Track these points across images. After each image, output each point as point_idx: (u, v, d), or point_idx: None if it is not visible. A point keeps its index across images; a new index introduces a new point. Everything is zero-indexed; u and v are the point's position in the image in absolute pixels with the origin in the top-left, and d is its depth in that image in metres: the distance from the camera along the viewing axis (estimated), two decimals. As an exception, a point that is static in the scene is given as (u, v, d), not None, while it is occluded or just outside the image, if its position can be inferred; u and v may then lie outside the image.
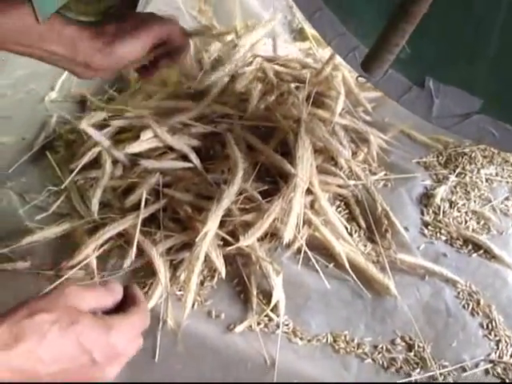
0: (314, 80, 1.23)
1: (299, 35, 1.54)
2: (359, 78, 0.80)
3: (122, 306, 0.72)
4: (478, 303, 0.97)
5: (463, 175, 1.16)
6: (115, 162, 1.11)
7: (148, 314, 0.75)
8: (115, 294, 0.72)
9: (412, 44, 0.67)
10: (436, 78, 0.79)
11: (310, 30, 1.49)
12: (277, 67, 1.28)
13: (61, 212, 1.09)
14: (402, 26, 0.63)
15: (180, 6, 1.60)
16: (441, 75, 0.79)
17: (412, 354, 0.90)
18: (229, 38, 1.37)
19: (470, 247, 1.05)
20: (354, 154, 1.17)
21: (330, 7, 0.78)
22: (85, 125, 1.10)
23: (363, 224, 1.07)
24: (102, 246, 1.00)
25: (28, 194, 1.12)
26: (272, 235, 1.03)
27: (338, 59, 1.20)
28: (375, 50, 0.66)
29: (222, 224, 0.99)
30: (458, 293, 0.99)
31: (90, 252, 0.98)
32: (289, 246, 1.01)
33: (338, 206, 1.10)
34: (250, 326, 0.92)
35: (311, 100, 1.15)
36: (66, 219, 1.06)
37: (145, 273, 0.99)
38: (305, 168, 1.02)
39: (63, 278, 0.96)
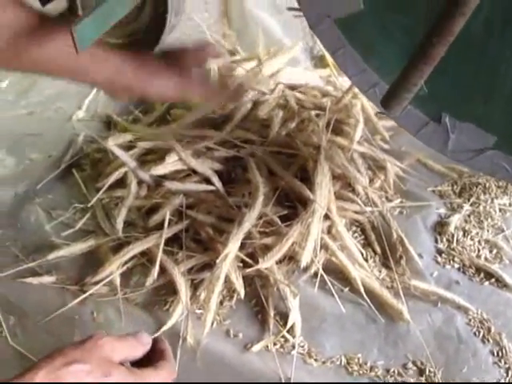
0: (334, 108, 1.25)
1: (320, 62, 1.57)
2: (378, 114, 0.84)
3: (150, 358, 0.75)
4: (489, 331, 0.98)
5: (477, 204, 1.18)
6: (140, 182, 1.14)
7: (175, 368, 0.79)
8: (145, 345, 0.76)
9: (430, 82, 0.70)
10: (452, 115, 0.82)
11: (330, 58, 1.52)
12: (298, 95, 1.32)
13: (86, 229, 1.12)
14: (421, 67, 0.66)
15: (204, 30, 1.65)
16: (457, 112, 0.82)
17: (423, 378, 0.92)
18: (252, 64, 1.41)
19: (482, 275, 1.06)
20: (371, 180, 1.19)
21: (353, 45, 0.82)
22: (112, 145, 1.14)
23: (378, 250, 1.09)
24: (125, 263, 1.04)
25: (55, 211, 1.15)
26: (290, 258, 1.05)
27: (358, 91, 1.24)
28: (395, 89, 0.69)
29: (242, 246, 1.02)
30: (470, 320, 1.00)
31: (113, 269, 1.02)
32: (306, 269, 1.03)
33: (355, 232, 1.12)
34: (267, 346, 0.95)
35: (331, 127, 1.18)
36: (91, 236, 1.10)
37: (166, 291, 1.02)
38: (323, 194, 1.05)
39: (87, 294, 1.00)
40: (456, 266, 1.08)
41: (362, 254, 1.08)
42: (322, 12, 0.77)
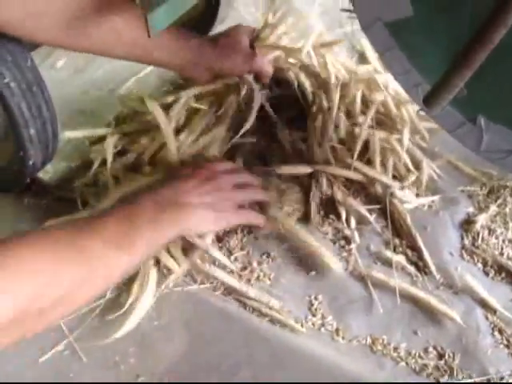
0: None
1: (362, 59, 1.61)
2: (420, 112, 0.89)
3: None
4: (507, 325, 1.03)
5: (503, 206, 1.22)
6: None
7: None
8: None
9: (469, 85, 0.75)
10: (487, 117, 0.88)
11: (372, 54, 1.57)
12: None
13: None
14: (462, 70, 0.72)
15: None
16: (491, 114, 0.87)
17: (442, 362, 0.98)
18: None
19: (503, 274, 1.11)
20: (405, 177, 1.23)
21: (400, 47, 0.87)
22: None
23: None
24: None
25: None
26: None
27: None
28: (437, 89, 0.75)
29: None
30: (488, 313, 1.05)
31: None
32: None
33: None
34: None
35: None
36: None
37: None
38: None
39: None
40: (479, 262, 1.13)
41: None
42: (374, 15, 0.83)
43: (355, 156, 1.17)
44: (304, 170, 1.18)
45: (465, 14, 0.80)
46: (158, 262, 1.05)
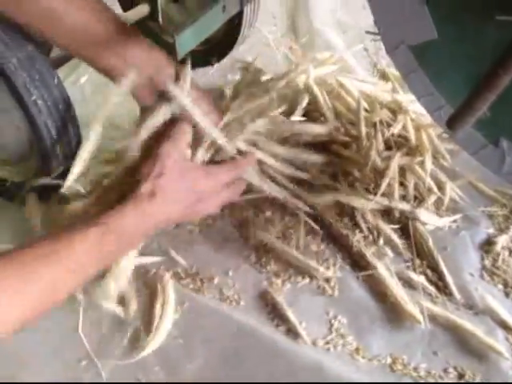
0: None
1: (382, 77, 1.62)
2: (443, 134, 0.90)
3: None
4: (528, 348, 1.02)
5: None
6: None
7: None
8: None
9: (492, 108, 0.76)
10: (509, 139, 0.88)
11: (392, 73, 1.58)
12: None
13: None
14: (485, 94, 0.73)
15: (271, 43, 1.73)
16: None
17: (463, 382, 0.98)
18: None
19: None
20: (427, 197, 1.23)
21: (424, 69, 0.88)
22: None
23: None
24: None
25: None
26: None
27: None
28: (460, 112, 0.76)
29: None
30: (509, 335, 1.04)
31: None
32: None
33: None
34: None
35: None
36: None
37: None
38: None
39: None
40: (499, 282, 1.13)
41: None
42: (399, 38, 0.84)
43: (378, 194, 1.17)
44: (329, 199, 1.19)
45: (488, 37, 0.80)
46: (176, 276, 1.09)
